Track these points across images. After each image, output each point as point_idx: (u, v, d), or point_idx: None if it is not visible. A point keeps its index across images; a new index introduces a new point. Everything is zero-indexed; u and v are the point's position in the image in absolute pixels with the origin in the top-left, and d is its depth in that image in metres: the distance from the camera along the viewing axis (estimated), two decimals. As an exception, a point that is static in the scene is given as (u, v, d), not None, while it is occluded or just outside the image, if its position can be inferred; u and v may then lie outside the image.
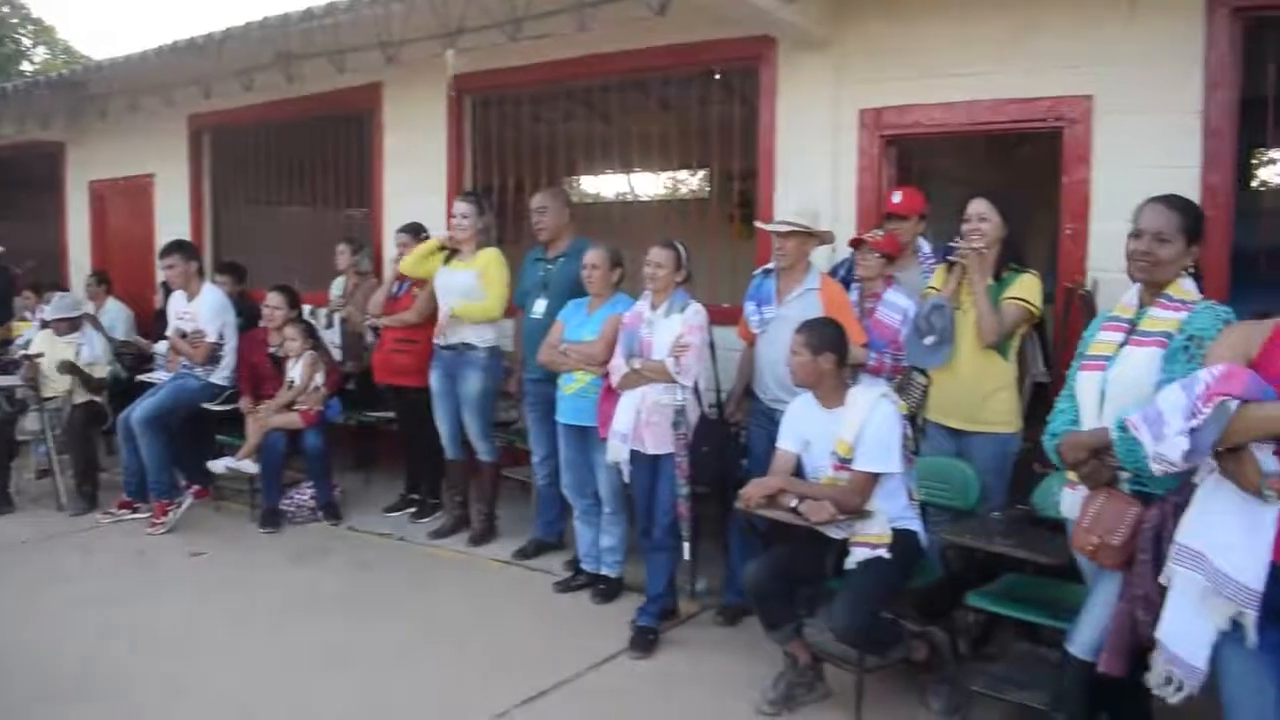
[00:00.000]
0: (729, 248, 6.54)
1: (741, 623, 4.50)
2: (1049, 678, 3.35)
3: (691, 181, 10.77)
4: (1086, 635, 3.00)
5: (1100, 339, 3.03)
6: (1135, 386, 2.82)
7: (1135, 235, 2.96)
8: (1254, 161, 9.49)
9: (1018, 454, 4.16)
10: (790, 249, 4.39)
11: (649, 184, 10.43)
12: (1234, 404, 2.21)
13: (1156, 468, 2.33)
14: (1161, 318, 2.89)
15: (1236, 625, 2.32)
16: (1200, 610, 2.34)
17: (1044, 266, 4.59)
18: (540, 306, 5.21)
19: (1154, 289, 2.96)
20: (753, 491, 3.72)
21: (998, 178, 6.58)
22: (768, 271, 4.59)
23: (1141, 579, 2.64)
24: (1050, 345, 4.46)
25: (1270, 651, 2.29)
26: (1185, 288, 2.93)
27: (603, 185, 10.76)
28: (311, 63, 6.38)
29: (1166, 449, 2.26)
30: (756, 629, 3.95)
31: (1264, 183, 9.80)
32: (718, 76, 6.39)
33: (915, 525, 3.76)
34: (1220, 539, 2.32)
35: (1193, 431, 2.22)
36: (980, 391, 4.11)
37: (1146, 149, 4.64)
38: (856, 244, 4.59)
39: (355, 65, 6.30)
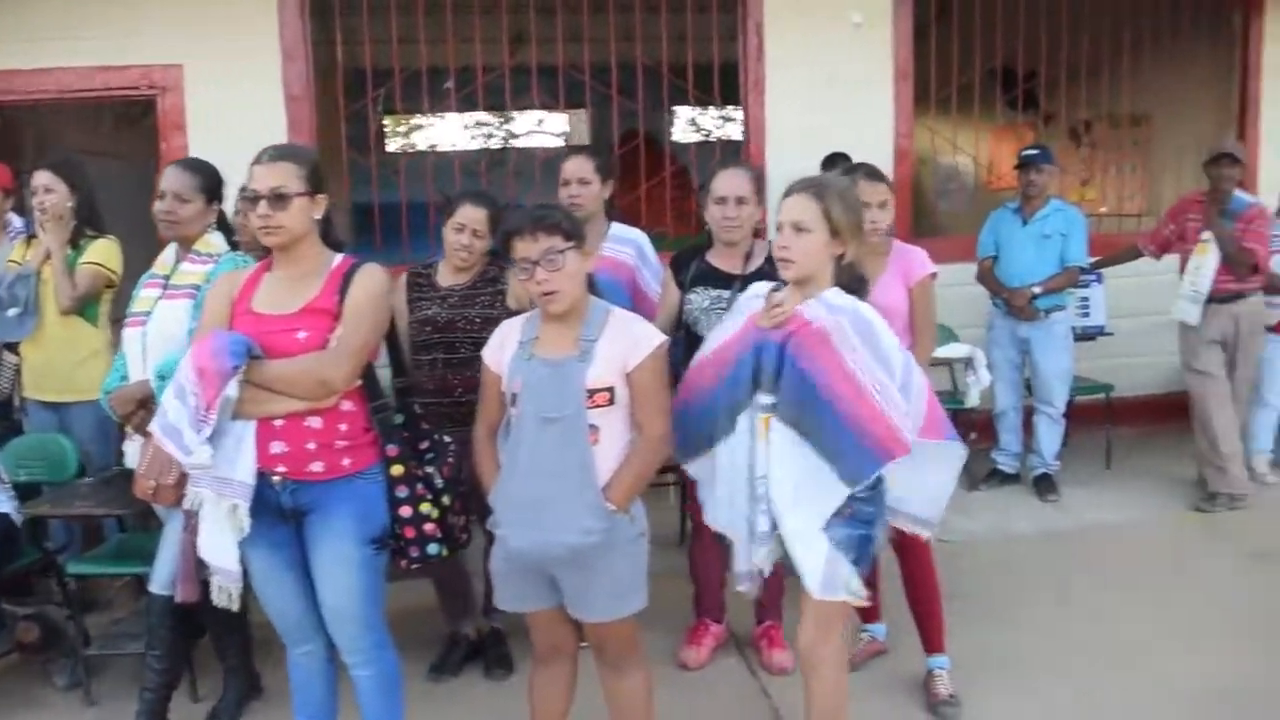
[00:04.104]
0: None
1: None
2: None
3: None
4: (163, 572, 3.18)
5: (141, 295, 3.19)
6: (169, 338, 3.03)
7: (160, 197, 3.16)
8: (385, 127, 10.81)
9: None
10: None
11: None
12: (232, 395, 2.42)
13: (193, 470, 2.50)
14: (190, 271, 3.13)
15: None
16: (221, 522, 2.55)
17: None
18: None
19: (184, 244, 3.20)
20: None
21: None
22: None
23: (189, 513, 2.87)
24: None
25: (280, 547, 2.63)
26: (213, 242, 3.21)
27: None
28: None
29: (196, 460, 2.42)
30: None
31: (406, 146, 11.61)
32: None
33: (7, 508, 3.63)
34: None
35: (210, 438, 2.41)
36: (72, 359, 4.07)
37: (238, 115, 4.95)
38: None
39: None
